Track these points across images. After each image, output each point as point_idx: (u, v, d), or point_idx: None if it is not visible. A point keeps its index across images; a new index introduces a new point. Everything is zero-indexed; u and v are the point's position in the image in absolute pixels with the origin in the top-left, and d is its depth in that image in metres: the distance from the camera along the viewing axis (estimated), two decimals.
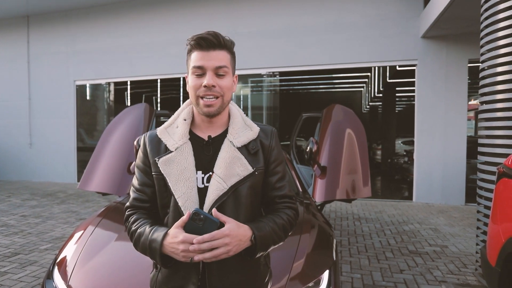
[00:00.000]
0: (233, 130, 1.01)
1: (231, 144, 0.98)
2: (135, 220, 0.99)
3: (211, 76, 0.93)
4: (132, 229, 0.98)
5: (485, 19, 2.93)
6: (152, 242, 0.90)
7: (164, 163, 0.97)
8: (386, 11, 6.47)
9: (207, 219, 0.85)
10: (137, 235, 0.96)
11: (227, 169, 0.95)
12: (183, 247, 0.84)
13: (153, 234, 0.91)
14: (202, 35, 0.94)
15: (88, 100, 9.49)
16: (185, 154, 0.97)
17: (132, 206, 1.03)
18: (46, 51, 8.90)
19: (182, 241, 0.84)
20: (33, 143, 9.08)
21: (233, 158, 0.97)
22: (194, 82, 0.95)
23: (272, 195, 1.04)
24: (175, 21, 7.69)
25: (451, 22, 5.44)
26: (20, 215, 5.29)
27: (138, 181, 1.03)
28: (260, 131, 1.04)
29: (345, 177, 2.96)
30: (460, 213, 5.48)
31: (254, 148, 1.00)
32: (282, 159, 1.08)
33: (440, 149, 6.22)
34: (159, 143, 1.01)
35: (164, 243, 0.87)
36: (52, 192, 7.38)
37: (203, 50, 0.94)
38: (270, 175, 1.04)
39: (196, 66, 0.94)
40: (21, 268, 3.24)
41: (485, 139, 2.95)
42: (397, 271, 3.19)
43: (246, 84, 8.89)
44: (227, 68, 0.96)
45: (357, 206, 6.00)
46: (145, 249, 0.93)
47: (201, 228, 0.85)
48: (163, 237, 0.88)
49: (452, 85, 6.15)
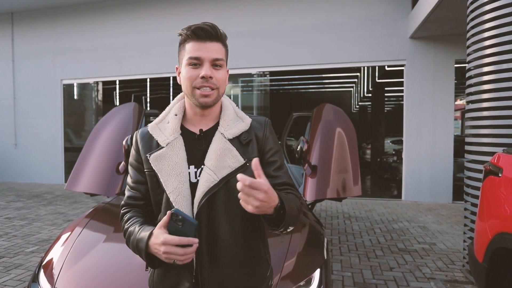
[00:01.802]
0: (224, 122, 0.99)
1: (222, 136, 0.96)
2: (128, 219, 0.99)
3: (208, 67, 0.92)
4: (125, 227, 0.98)
5: (471, 19, 2.98)
6: (139, 242, 0.89)
7: (155, 159, 0.95)
8: (375, 12, 6.54)
9: (185, 220, 0.82)
10: (128, 234, 0.95)
11: (218, 161, 0.93)
12: (164, 248, 0.81)
13: (140, 233, 0.90)
14: (199, 25, 0.92)
15: (75, 99, 9.32)
16: (177, 149, 0.95)
17: (127, 205, 1.03)
18: (31, 49, 8.70)
19: (163, 242, 0.81)
20: (19, 144, 8.86)
21: (224, 149, 0.95)
22: (190, 73, 0.92)
23: (272, 184, 0.97)
24: (164, 20, 7.62)
25: (439, 23, 5.53)
26: (5, 217, 5.16)
27: (131, 179, 1.03)
28: (253, 121, 1.02)
29: (335, 176, 2.97)
30: (448, 211, 5.58)
31: (246, 139, 0.98)
32: (279, 148, 1.05)
33: (428, 148, 6.32)
34: (151, 140, 0.99)
35: (149, 243, 0.86)
36: (39, 193, 7.22)
37: (199, 41, 0.92)
38: (266, 165, 1.00)
39: (193, 57, 0.91)
40: (5, 271, 3.15)
41: (472, 137, 3.00)
42: (387, 268, 3.22)
43: (236, 84, 8.87)
44: (223, 61, 0.95)
45: (347, 205, 6.05)
46: (134, 248, 0.92)
47: (181, 229, 0.82)
48: (148, 237, 0.86)
49: (440, 85, 6.26)
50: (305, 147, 3.00)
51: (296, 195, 1.01)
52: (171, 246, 0.81)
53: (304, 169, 3.01)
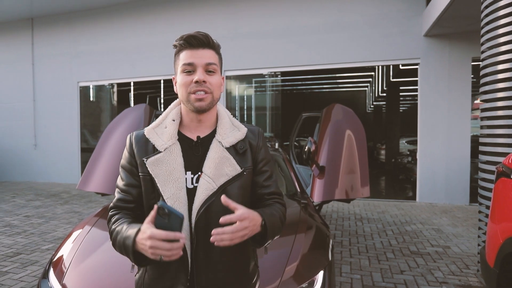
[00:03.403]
0: (221, 130, 1.01)
1: (219, 144, 0.99)
2: (116, 220, 0.97)
3: (202, 72, 0.94)
4: (111, 228, 0.96)
5: (485, 16, 2.89)
6: (126, 239, 0.87)
7: (153, 163, 0.96)
8: (387, 10, 6.42)
9: (171, 214, 0.81)
10: (114, 233, 0.93)
11: (216, 169, 0.95)
12: (150, 243, 0.79)
13: (127, 230, 0.88)
14: (192, 33, 0.96)
15: (91, 101, 9.56)
16: (174, 155, 0.96)
17: (116, 207, 1.01)
18: (50, 53, 8.99)
19: (150, 236, 0.79)
20: (38, 144, 9.17)
21: (222, 158, 0.97)
22: (185, 79, 0.95)
23: (261, 193, 1.05)
24: (177, 22, 7.72)
25: (453, 21, 5.38)
26: (24, 215, 5.34)
27: (123, 181, 1.02)
28: (248, 132, 1.05)
29: (344, 177, 2.94)
30: (464, 213, 5.42)
31: (242, 148, 1.01)
32: (270, 158, 1.09)
33: (443, 149, 6.16)
34: (147, 143, 1.00)
35: (136, 239, 0.84)
36: (56, 192, 7.44)
37: (192, 49, 0.95)
38: (258, 174, 1.05)
39: (187, 63, 0.95)
40: (22, 267, 3.26)
41: (486, 138, 2.91)
42: (397, 271, 3.16)
43: (248, 85, 8.89)
44: (216, 66, 0.97)
45: (359, 206, 5.96)
46: (121, 247, 0.90)
47: (167, 223, 0.81)
48: (135, 233, 0.84)
49: (455, 84, 6.09)
50: (312, 148, 2.97)
51: (283, 204, 1.06)
52: (158, 241, 0.79)
53: (312, 169, 2.99)
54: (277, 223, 0.98)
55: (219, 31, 7.43)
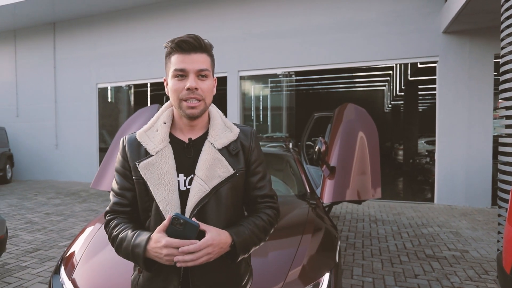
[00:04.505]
0: (213, 132, 1.01)
1: (211, 146, 0.98)
2: (116, 225, 0.98)
3: (193, 78, 0.93)
4: (113, 234, 0.97)
5: (505, 10, 2.77)
6: (136, 248, 0.89)
7: (145, 167, 0.96)
8: (404, 7, 6.26)
9: (187, 224, 0.85)
10: (119, 240, 0.94)
11: (209, 171, 0.95)
12: (166, 251, 0.84)
13: (136, 239, 0.90)
14: (183, 37, 0.94)
15: (109, 102, 9.81)
16: (166, 158, 0.96)
17: (112, 211, 1.02)
18: (70, 56, 9.29)
19: (165, 245, 0.84)
20: (59, 144, 9.49)
21: (214, 159, 0.96)
22: (176, 85, 0.94)
23: (254, 195, 1.04)
24: (191, 23, 7.81)
25: (474, 16, 5.19)
26: (44, 213, 5.54)
27: (118, 185, 1.02)
28: (240, 132, 1.04)
29: (356, 178, 2.88)
30: (485, 217, 5.21)
31: (234, 149, 1.00)
32: (263, 159, 1.08)
33: (463, 149, 5.94)
34: (139, 147, 1.00)
35: (147, 248, 0.87)
36: (75, 191, 7.68)
37: (184, 53, 0.94)
38: (251, 175, 1.04)
39: (178, 69, 0.93)
40: (40, 263, 3.38)
41: (506, 138, 2.78)
42: (411, 275, 3.07)
43: (263, 85, 8.88)
44: (208, 71, 0.96)
45: (374, 208, 5.84)
46: (128, 254, 0.92)
47: (182, 232, 0.85)
48: (146, 242, 0.88)
49: (476, 82, 5.86)
50: (323, 148, 2.93)
51: (275, 208, 1.06)
52: (174, 249, 0.84)
53: (322, 170, 2.95)
54: (252, 239, 0.97)
55: (232, 31, 7.46)
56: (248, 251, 0.97)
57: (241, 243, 0.93)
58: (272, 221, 1.03)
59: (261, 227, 0.99)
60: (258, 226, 0.99)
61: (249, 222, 0.99)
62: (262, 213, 1.02)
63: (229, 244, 0.91)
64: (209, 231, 0.88)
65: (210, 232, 0.88)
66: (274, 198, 1.08)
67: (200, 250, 0.85)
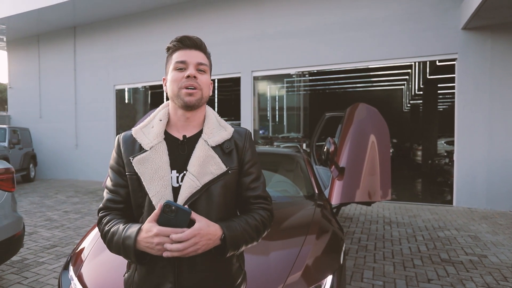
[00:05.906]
0: (207, 129, 1.02)
1: (205, 143, 0.99)
2: (108, 221, 0.98)
3: (193, 68, 0.98)
4: (105, 230, 0.97)
5: None
6: (126, 239, 0.88)
7: (139, 162, 0.97)
8: (421, 3, 6.09)
9: (178, 210, 0.85)
10: (110, 235, 0.94)
11: (201, 167, 0.96)
12: (157, 240, 0.83)
13: (126, 231, 0.90)
14: (185, 35, 1.02)
15: (127, 103, 10.05)
16: (160, 153, 0.97)
17: (105, 208, 1.02)
18: (89, 58, 9.58)
19: (156, 234, 0.84)
20: (79, 144, 9.80)
21: (207, 156, 0.97)
22: (176, 75, 0.98)
23: (247, 196, 1.04)
24: (205, 25, 7.88)
25: (496, 11, 4.98)
26: (63, 211, 5.73)
27: (111, 182, 1.03)
28: (235, 132, 1.05)
29: (366, 179, 2.82)
30: (507, 220, 4.98)
31: (228, 148, 1.01)
32: (257, 160, 1.08)
33: (484, 150, 5.72)
34: (134, 143, 1.01)
35: (138, 239, 0.86)
36: (93, 190, 7.90)
37: (185, 49, 1.00)
38: (244, 176, 1.04)
39: (179, 61, 0.98)
40: (56, 259, 3.49)
41: None
42: (424, 280, 2.97)
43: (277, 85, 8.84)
44: (206, 67, 1.02)
45: (389, 210, 5.70)
46: (119, 247, 0.91)
47: (174, 220, 0.84)
48: (136, 233, 0.87)
49: (498, 79, 5.63)
50: (332, 148, 2.89)
51: (268, 209, 1.05)
52: (165, 237, 0.83)
53: (331, 171, 2.90)
54: (243, 236, 0.95)
55: (246, 31, 7.48)
56: (239, 248, 0.96)
57: (232, 238, 0.92)
58: (265, 221, 1.02)
59: (253, 226, 0.98)
60: (250, 225, 0.98)
61: (241, 219, 0.98)
62: (255, 213, 1.02)
63: (218, 236, 0.90)
64: (198, 221, 0.87)
65: (199, 222, 0.87)
66: (268, 200, 1.07)
67: (188, 239, 0.83)
